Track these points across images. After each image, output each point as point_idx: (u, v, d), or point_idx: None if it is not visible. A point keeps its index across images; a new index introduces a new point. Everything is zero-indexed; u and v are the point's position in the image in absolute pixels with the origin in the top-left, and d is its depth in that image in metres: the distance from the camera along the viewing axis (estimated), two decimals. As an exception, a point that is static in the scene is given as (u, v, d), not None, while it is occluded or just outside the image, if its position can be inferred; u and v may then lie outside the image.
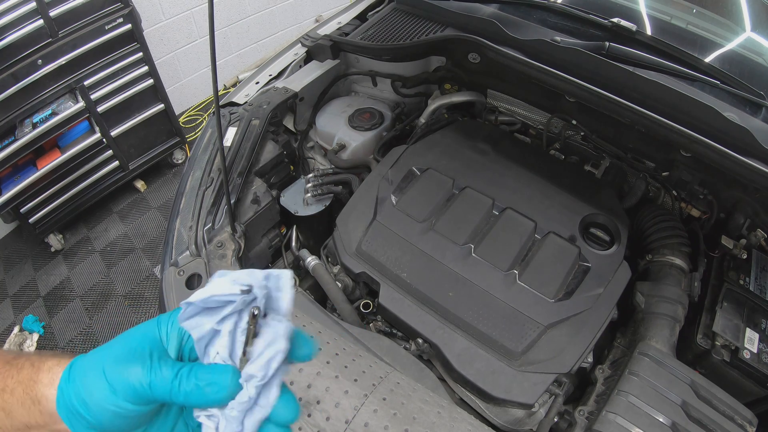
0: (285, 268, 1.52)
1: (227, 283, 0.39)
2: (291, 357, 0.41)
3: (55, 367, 0.44)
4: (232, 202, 1.28)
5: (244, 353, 0.40)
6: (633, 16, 1.56)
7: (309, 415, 0.87)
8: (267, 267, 1.49)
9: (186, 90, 3.70)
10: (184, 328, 0.40)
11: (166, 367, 0.40)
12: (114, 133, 2.76)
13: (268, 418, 0.40)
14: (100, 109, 2.62)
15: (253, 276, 0.40)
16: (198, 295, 0.39)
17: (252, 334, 0.40)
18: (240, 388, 0.39)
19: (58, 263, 2.87)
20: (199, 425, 0.42)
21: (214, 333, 0.40)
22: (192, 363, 0.41)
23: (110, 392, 0.39)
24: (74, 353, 0.44)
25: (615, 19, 1.41)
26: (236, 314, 0.40)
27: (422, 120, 1.71)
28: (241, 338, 0.40)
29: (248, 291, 0.39)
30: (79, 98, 2.52)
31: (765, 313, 1.16)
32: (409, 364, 1.08)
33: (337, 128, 1.64)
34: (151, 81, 2.79)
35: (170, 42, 3.40)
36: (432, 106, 1.73)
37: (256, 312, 0.39)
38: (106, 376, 0.40)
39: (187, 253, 1.21)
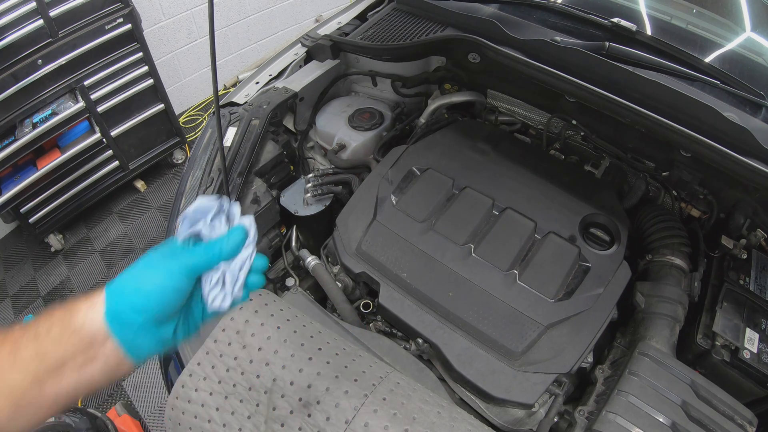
0: (285, 268, 1.52)
1: (206, 198, 0.60)
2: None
3: (90, 298, 0.51)
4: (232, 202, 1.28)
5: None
6: (633, 16, 1.56)
7: (309, 415, 0.87)
8: (267, 267, 1.50)
9: (186, 90, 3.70)
10: (187, 235, 0.58)
11: (199, 246, 0.57)
12: (114, 133, 2.76)
13: (250, 269, 0.60)
14: (100, 109, 2.62)
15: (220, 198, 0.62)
16: (190, 209, 0.59)
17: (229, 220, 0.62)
18: (247, 234, 0.60)
19: (58, 263, 2.87)
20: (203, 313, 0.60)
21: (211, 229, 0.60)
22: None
23: (170, 274, 0.52)
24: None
25: (615, 19, 1.41)
26: (219, 213, 0.61)
27: (422, 120, 1.71)
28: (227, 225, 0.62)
29: (219, 198, 0.61)
30: (79, 98, 2.52)
31: (765, 313, 1.16)
32: (409, 364, 1.09)
33: (337, 128, 1.64)
34: (151, 81, 2.79)
35: (170, 42, 3.40)
36: (432, 106, 1.73)
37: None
38: (160, 267, 0.52)
39: (187, 253, 1.21)
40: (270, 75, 1.71)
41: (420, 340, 1.15)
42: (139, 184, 3.20)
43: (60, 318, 0.49)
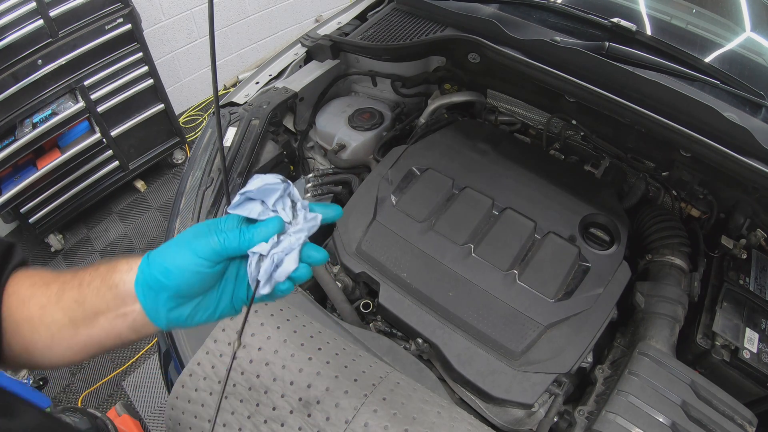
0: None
1: (270, 177, 0.54)
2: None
3: (132, 260, 0.55)
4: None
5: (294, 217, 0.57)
6: (633, 16, 1.56)
7: (309, 415, 0.87)
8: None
9: (186, 90, 3.70)
10: (237, 213, 0.54)
11: (231, 230, 0.53)
12: (114, 133, 2.75)
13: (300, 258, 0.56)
14: (100, 109, 2.62)
15: (279, 176, 0.56)
16: (253, 185, 0.53)
17: (295, 212, 0.57)
18: (282, 228, 0.54)
19: (58, 263, 2.87)
20: (241, 297, 0.58)
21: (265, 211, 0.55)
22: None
23: (193, 254, 0.52)
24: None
25: (615, 19, 1.41)
26: (283, 197, 0.55)
27: (422, 120, 1.71)
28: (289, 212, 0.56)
29: (285, 181, 0.55)
30: (79, 98, 2.51)
31: (765, 313, 1.16)
32: (409, 364, 1.08)
33: (337, 128, 1.64)
34: (151, 81, 2.79)
35: (170, 42, 3.40)
36: (432, 106, 1.73)
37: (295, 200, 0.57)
38: (189, 245, 0.52)
39: (187, 253, 1.21)
40: (270, 75, 1.71)
41: (420, 340, 1.15)
42: (139, 184, 3.20)
43: (102, 273, 0.55)
